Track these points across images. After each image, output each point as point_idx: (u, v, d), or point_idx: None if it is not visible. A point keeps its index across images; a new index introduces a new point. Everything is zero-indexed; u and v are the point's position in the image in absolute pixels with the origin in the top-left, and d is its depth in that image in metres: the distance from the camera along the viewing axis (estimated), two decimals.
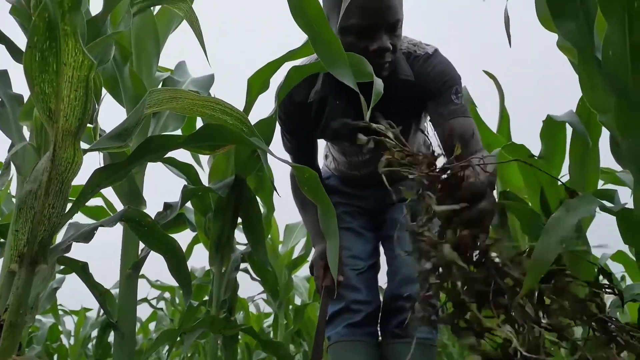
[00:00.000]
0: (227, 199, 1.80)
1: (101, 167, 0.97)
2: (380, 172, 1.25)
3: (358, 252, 1.64)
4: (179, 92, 0.95)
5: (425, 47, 1.46)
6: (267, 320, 4.29)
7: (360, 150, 1.53)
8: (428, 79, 1.42)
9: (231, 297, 1.95)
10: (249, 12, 35.81)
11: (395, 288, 1.55)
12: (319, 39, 0.95)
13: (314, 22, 0.94)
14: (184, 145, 0.99)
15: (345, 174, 1.74)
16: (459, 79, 1.44)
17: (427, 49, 1.45)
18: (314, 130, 1.53)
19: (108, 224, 1.04)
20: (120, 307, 1.47)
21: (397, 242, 1.60)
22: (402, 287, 1.53)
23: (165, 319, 4.33)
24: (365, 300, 1.56)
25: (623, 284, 3.55)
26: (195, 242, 3.10)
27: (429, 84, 1.42)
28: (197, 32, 1.11)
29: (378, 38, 1.27)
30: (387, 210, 1.74)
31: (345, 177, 1.75)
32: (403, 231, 1.61)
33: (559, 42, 1.31)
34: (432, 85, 1.41)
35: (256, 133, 0.97)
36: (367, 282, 1.61)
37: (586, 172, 1.52)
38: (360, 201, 1.74)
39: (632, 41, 1.04)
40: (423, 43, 1.48)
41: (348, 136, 1.51)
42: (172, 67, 1.99)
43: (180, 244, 1.27)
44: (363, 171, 1.69)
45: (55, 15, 0.76)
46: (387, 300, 1.58)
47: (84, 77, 0.81)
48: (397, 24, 1.30)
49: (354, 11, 1.24)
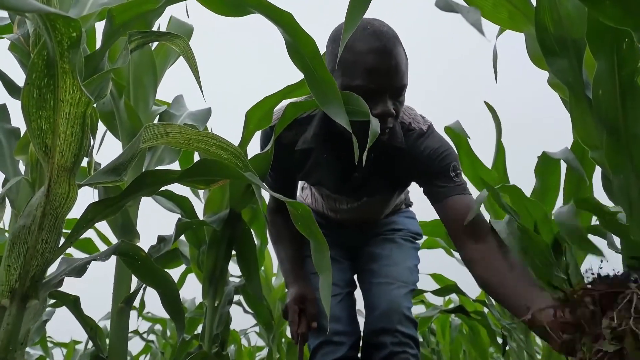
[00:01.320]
0: (221, 233, 1.79)
1: (96, 201, 0.97)
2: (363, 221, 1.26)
3: (336, 280, 1.56)
4: (174, 127, 0.95)
5: (420, 121, 1.43)
6: (260, 354, 4.23)
7: (343, 199, 1.56)
8: (422, 156, 1.39)
9: (224, 331, 1.93)
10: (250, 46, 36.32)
11: (376, 322, 1.49)
12: (314, 78, 0.97)
13: (309, 61, 0.96)
14: (179, 180, 1.00)
15: (322, 212, 1.72)
16: (456, 156, 1.42)
17: (421, 124, 1.42)
18: (297, 173, 1.51)
19: (101, 258, 1.04)
20: (112, 342, 1.45)
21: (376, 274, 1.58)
22: (382, 321, 1.47)
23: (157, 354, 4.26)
24: (346, 331, 1.51)
25: None
26: (188, 272, 3.07)
27: (424, 161, 1.39)
28: (194, 68, 1.12)
29: (382, 102, 1.22)
30: (363, 244, 1.72)
31: (321, 215, 1.73)
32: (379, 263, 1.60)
33: (549, 79, 1.34)
34: (427, 162, 1.39)
35: (250, 168, 0.97)
36: (347, 310, 1.56)
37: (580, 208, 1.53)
38: (336, 234, 1.67)
39: (621, 80, 1.07)
40: (419, 115, 1.45)
41: (333, 187, 1.51)
42: (170, 99, 2.01)
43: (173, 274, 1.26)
44: (342, 216, 1.66)
45: (54, 53, 0.77)
46: (368, 335, 1.52)
47: (80, 113, 0.81)
48: (403, 89, 1.26)
49: (361, 72, 1.19)
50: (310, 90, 0.99)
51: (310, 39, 0.94)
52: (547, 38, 1.19)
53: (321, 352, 1.50)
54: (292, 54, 0.96)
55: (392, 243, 1.67)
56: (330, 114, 0.99)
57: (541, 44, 1.21)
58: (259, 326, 2.83)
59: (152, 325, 4.02)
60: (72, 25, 0.77)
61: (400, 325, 1.46)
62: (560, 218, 1.50)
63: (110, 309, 1.49)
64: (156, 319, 3.88)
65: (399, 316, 1.47)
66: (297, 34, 0.94)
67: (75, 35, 0.78)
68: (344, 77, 1.19)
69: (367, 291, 1.59)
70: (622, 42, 1.02)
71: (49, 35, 0.77)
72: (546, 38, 1.19)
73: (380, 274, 1.58)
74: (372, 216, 1.70)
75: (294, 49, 0.95)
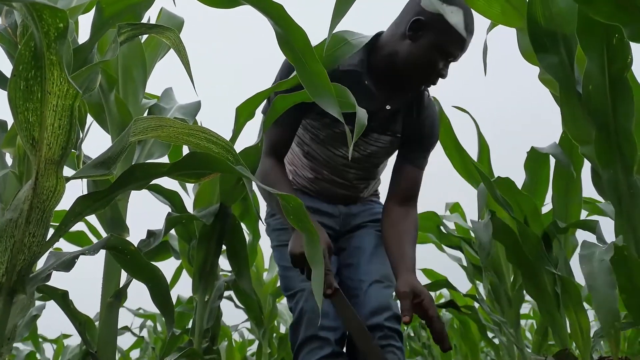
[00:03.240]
0: (211, 227, 1.79)
1: (84, 194, 0.96)
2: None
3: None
4: (164, 120, 0.94)
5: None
6: (251, 349, 4.23)
7: (346, 146, 1.56)
8: (427, 120, 1.56)
9: (214, 326, 1.93)
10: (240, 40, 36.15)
11: (365, 319, 1.47)
12: (305, 70, 0.96)
13: (300, 53, 0.95)
14: (169, 173, 0.99)
15: (310, 185, 1.66)
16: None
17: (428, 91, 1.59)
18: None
19: (90, 252, 1.03)
20: (101, 337, 1.44)
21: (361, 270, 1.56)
22: (372, 319, 1.47)
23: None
24: (332, 327, 1.49)
25: None
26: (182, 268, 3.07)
27: (425, 125, 1.56)
28: (185, 61, 1.11)
29: (447, 68, 1.44)
30: (348, 236, 1.68)
31: (310, 189, 1.67)
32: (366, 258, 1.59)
33: (540, 75, 1.34)
34: (425, 128, 1.56)
35: (241, 161, 0.97)
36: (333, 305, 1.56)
37: (569, 203, 1.54)
38: (323, 218, 1.63)
39: (611, 75, 1.07)
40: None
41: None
42: (160, 93, 2.00)
43: (165, 271, 1.26)
44: (336, 175, 1.63)
45: (41, 44, 0.76)
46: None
47: (68, 106, 0.80)
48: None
49: (454, 40, 1.38)
50: (301, 81, 0.98)
51: (301, 30, 0.94)
52: (539, 34, 1.20)
53: (307, 347, 1.49)
54: (283, 45, 0.95)
55: (375, 238, 1.66)
56: (322, 105, 0.98)
57: (532, 40, 1.21)
58: (249, 321, 2.83)
59: (144, 320, 4.01)
60: (59, 16, 0.76)
61: (387, 321, 1.48)
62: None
63: (99, 304, 1.48)
64: (147, 315, 3.87)
65: (388, 313, 1.49)
66: (287, 25, 0.93)
67: (62, 26, 0.77)
68: (434, 34, 1.38)
69: (356, 288, 1.58)
70: (613, 38, 1.02)
71: (35, 26, 0.76)
72: (537, 34, 1.20)
73: (368, 271, 1.58)
74: (360, 184, 1.68)
75: (285, 40, 0.94)
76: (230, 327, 3.51)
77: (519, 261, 1.67)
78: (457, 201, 2.99)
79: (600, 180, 1.16)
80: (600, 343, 3.26)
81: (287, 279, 1.58)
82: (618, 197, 1.11)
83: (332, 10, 0.94)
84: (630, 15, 0.87)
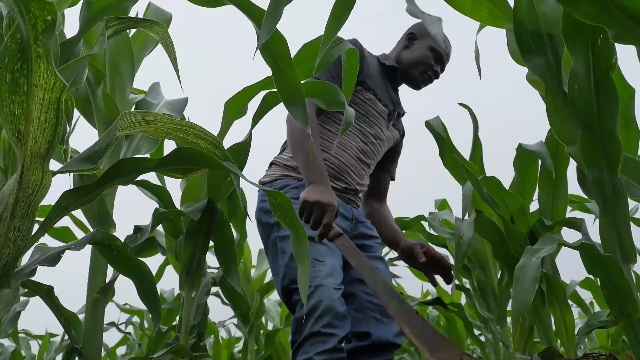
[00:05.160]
0: (199, 223, 1.78)
1: (70, 189, 0.95)
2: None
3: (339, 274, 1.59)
4: (152, 115, 0.94)
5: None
6: (238, 345, 4.23)
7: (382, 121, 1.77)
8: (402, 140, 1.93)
9: (201, 322, 1.92)
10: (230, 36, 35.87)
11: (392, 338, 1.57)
12: (281, 76, 0.97)
13: (278, 58, 0.96)
14: (156, 168, 0.99)
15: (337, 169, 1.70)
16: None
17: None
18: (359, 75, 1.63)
19: (76, 247, 1.02)
20: (86, 333, 1.44)
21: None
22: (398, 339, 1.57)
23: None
24: (339, 325, 1.48)
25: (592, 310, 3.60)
26: (167, 264, 3.05)
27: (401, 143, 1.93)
28: (172, 57, 1.11)
29: (440, 70, 1.85)
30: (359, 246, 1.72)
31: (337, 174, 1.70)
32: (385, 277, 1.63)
33: (528, 76, 1.35)
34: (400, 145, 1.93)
35: (229, 157, 0.97)
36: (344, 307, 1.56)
37: (555, 201, 1.56)
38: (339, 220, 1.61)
39: (596, 76, 1.08)
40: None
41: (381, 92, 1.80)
42: (145, 87, 1.99)
43: (150, 266, 1.25)
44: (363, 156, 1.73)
45: (28, 37, 0.75)
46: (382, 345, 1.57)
47: (55, 99, 0.80)
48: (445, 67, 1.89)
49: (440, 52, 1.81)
50: (275, 86, 0.99)
51: (281, 36, 0.95)
52: (525, 35, 1.21)
53: (311, 341, 1.48)
54: (263, 49, 0.96)
55: (381, 261, 1.72)
56: (291, 112, 1.00)
57: (519, 42, 1.22)
58: (236, 318, 2.82)
59: (130, 316, 3.99)
60: (47, 9, 0.75)
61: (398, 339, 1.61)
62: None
63: (85, 299, 1.47)
64: (134, 310, 3.85)
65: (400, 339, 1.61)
66: None
67: (50, 19, 0.76)
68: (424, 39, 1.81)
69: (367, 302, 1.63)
70: (598, 39, 1.03)
71: (22, 18, 0.75)
72: (524, 35, 1.21)
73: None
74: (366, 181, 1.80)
75: (265, 44, 0.95)
76: (217, 323, 3.50)
77: (506, 258, 1.68)
78: (445, 198, 3.01)
79: (585, 179, 1.17)
80: (584, 340, 3.30)
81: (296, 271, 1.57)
82: (602, 196, 1.12)
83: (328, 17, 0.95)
84: (614, 17, 0.88)
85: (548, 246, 1.14)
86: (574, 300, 3.11)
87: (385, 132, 1.80)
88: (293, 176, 1.68)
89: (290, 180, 1.68)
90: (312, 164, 1.53)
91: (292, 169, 1.69)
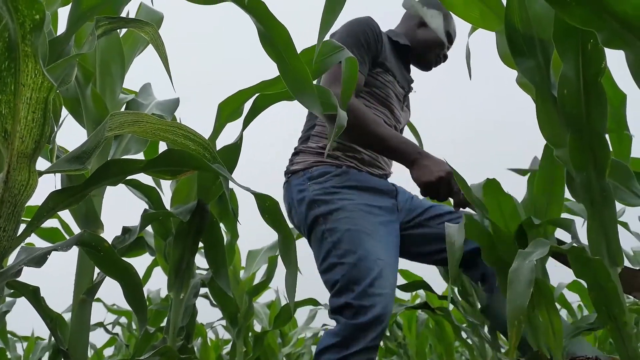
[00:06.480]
0: (188, 224, 1.77)
1: (57, 189, 0.95)
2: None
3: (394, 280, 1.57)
4: (141, 115, 0.93)
5: None
6: (226, 347, 4.21)
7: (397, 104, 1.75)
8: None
9: (189, 324, 1.91)
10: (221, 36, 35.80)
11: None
12: (287, 67, 0.96)
13: (282, 51, 0.95)
14: (145, 170, 0.98)
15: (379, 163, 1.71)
16: None
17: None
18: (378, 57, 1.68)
19: (62, 248, 1.01)
20: (72, 334, 1.42)
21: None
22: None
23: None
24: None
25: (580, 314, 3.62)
26: (154, 265, 3.03)
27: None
28: (163, 57, 1.10)
29: (447, 50, 1.87)
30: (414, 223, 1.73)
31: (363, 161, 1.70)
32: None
33: (518, 79, 1.36)
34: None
35: (218, 159, 0.96)
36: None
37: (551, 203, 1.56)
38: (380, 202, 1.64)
39: (586, 80, 1.09)
40: None
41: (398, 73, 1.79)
42: (136, 88, 1.97)
43: (138, 267, 1.24)
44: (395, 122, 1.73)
45: (15, 36, 0.75)
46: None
47: (42, 98, 0.79)
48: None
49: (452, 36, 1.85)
50: (282, 79, 0.98)
51: (283, 28, 0.94)
52: (516, 38, 1.21)
53: (364, 356, 1.43)
54: (265, 43, 0.95)
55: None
56: (304, 103, 0.99)
57: (510, 44, 1.22)
58: (225, 319, 2.81)
59: (118, 317, 3.96)
60: (36, 7, 0.75)
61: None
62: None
63: (72, 300, 1.46)
64: (121, 311, 3.82)
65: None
66: (269, 23, 0.93)
67: (38, 18, 0.75)
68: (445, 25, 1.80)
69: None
70: (588, 43, 1.04)
71: (10, 17, 0.74)
72: (515, 38, 1.21)
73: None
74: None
75: (267, 38, 0.94)
76: (205, 325, 3.48)
77: (494, 262, 1.68)
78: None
79: (573, 182, 1.17)
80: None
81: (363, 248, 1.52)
82: (590, 199, 1.13)
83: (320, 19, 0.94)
84: (603, 21, 0.88)
85: (540, 249, 1.14)
86: (561, 303, 3.13)
87: (402, 114, 1.78)
88: (330, 162, 1.63)
89: (328, 167, 1.61)
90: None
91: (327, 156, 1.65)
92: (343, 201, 1.58)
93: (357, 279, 1.47)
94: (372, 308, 1.41)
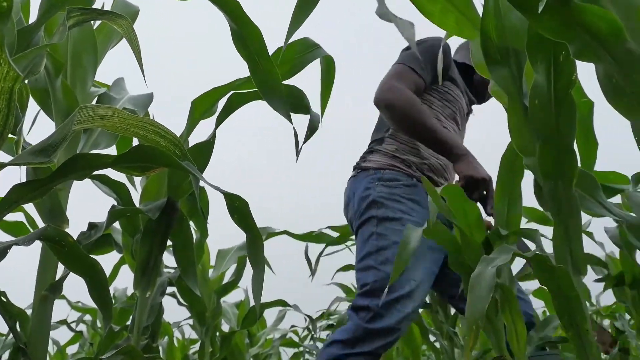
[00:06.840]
0: (157, 222, 1.75)
1: (21, 182, 0.92)
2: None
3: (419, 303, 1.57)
4: (111, 110, 0.92)
5: None
6: (194, 347, 4.17)
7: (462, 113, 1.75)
8: None
9: (155, 323, 1.88)
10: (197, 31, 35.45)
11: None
12: (258, 68, 0.96)
13: (254, 51, 0.94)
14: (113, 165, 0.96)
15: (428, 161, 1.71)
16: None
17: None
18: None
19: (24, 242, 0.99)
20: (33, 331, 1.38)
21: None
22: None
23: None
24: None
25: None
26: (122, 263, 2.98)
27: None
28: (136, 51, 1.08)
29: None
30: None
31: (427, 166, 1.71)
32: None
33: (492, 86, 1.37)
34: None
35: (189, 157, 0.95)
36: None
37: (510, 211, 1.58)
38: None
39: (557, 91, 1.11)
40: None
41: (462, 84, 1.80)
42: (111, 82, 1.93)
43: (105, 265, 1.22)
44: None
45: None
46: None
47: (7, 88, 0.77)
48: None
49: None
50: (252, 79, 0.97)
51: (256, 28, 0.93)
52: (491, 46, 1.23)
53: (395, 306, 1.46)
54: (237, 42, 0.95)
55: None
56: (271, 104, 0.99)
57: (484, 52, 1.24)
58: (192, 319, 2.78)
59: (82, 315, 3.89)
60: None
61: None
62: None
63: (33, 296, 1.42)
64: (86, 309, 3.75)
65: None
66: (243, 22, 0.92)
67: (5, 5, 0.74)
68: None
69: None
70: (559, 55, 1.05)
71: None
72: (489, 46, 1.23)
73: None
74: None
75: (239, 37, 0.94)
76: (172, 324, 3.44)
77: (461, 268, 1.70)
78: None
79: (541, 191, 1.19)
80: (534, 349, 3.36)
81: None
82: (557, 208, 1.15)
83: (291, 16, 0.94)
84: (574, 32, 0.90)
85: (503, 255, 1.16)
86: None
87: (463, 132, 1.79)
88: (403, 170, 1.63)
89: (400, 175, 1.62)
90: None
91: (400, 160, 1.64)
92: (403, 214, 1.61)
93: (387, 290, 1.50)
94: (388, 319, 1.46)
